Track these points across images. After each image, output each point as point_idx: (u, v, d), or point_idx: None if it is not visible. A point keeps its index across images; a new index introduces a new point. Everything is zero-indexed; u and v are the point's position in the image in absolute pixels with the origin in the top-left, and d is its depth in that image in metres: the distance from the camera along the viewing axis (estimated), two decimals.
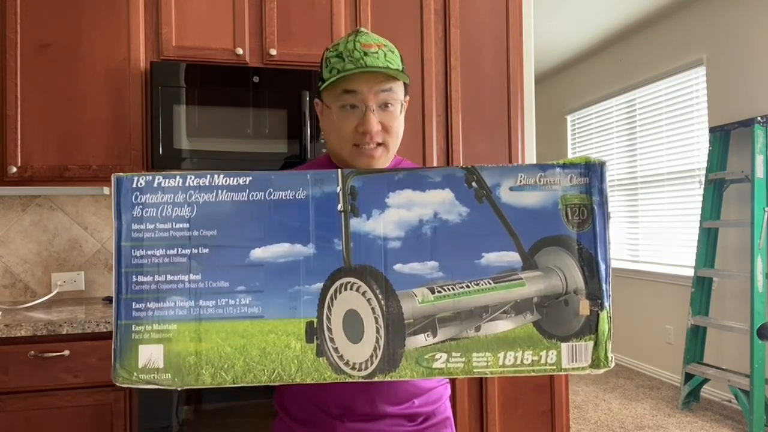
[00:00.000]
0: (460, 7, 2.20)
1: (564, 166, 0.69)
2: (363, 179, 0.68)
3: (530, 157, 2.56)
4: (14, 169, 1.80)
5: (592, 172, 0.69)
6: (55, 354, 1.57)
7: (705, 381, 3.24)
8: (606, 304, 0.67)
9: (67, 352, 1.58)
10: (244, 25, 1.99)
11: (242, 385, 0.66)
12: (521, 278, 0.68)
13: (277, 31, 2.01)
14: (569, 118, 5.11)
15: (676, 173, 3.82)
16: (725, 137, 3.31)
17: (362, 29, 0.97)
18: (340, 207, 0.67)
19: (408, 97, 1.03)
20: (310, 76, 1.97)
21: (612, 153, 4.51)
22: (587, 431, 2.97)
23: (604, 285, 0.68)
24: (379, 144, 0.94)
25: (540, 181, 0.68)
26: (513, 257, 0.68)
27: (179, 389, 0.67)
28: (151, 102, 1.88)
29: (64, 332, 1.58)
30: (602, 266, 0.68)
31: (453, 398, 1.74)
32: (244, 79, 1.93)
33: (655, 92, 4.01)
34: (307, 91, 1.96)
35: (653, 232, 4.05)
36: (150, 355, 0.65)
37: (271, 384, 0.67)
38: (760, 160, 2.98)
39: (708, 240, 3.34)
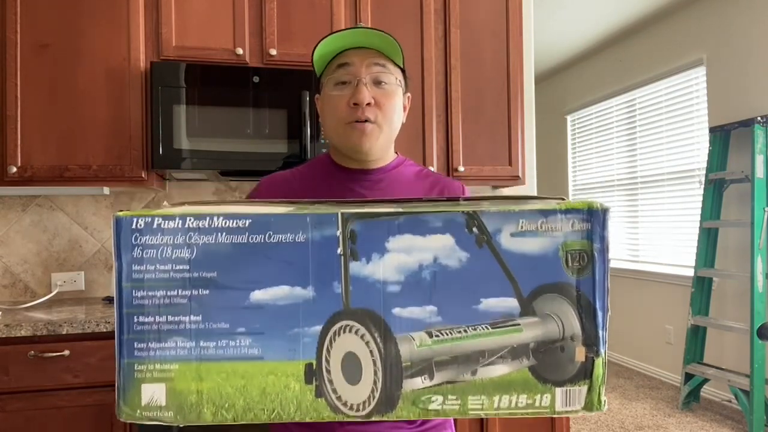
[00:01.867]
0: (460, 7, 2.20)
1: (566, 211, 0.69)
2: (363, 223, 0.68)
3: (530, 157, 2.56)
4: (14, 169, 1.80)
5: (594, 218, 0.68)
6: (55, 354, 1.57)
7: (705, 381, 3.25)
8: (602, 350, 0.68)
9: (67, 352, 1.58)
10: (244, 25, 1.99)
11: (243, 423, 0.67)
12: (519, 324, 0.68)
13: (277, 31, 2.01)
14: (569, 118, 5.11)
15: (676, 173, 3.82)
16: (725, 137, 3.31)
17: (361, 24, 0.98)
18: (339, 250, 0.68)
19: (409, 94, 1.02)
20: (310, 76, 1.96)
21: (612, 153, 4.51)
22: (587, 431, 2.97)
23: (600, 332, 0.68)
24: (371, 122, 0.92)
25: (541, 227, 0.69)
26: (511, 303, 0.68)
27: (181, 425, 0.68)
28: (151, 102, 1.88)
29: (64, 332, 1.58)
30: (599, 313, 0.68)
31: None
32: (244, 79, 1.93)
33: (655, 92, 4.01)
34: (307, 91, 1.96)
35: (653, 232, 4.05)
36: (152, 393, 0.67)
37: (271, 422, 0.68)
38: (760, 160, 2.98)
39: (708, 240, 3.34)
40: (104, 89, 1.88)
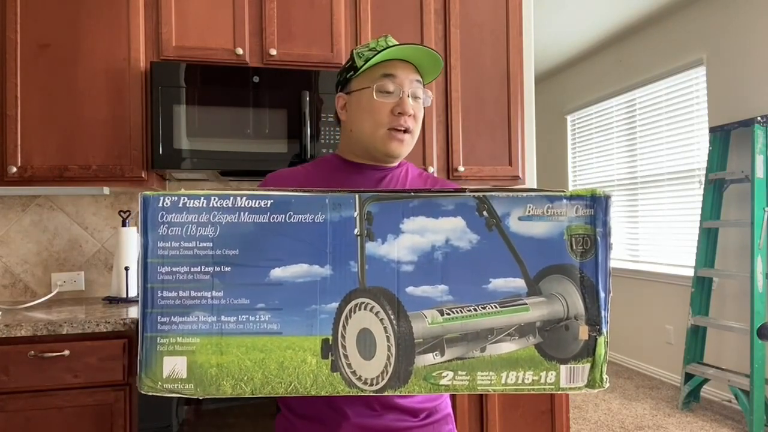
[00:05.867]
0: (460, 7, 2.20)
1: (571, 198, 0.73)
2: (379, 205, 0.72)
3: (530, 157, 2.56)
4: (14, 169, 1.80)
5: (597, 204, 0.72)
6: (55, 354, 1.57)
7: (705, 381, 3.25)
8: (604, 329, 0.71)
9: (67, 352, 1.58)
10: (244, 25, 1.99)
11: (260, 396, 0.69)
12: (526, 303, 0.72)
13: (277, 31, 2.01)
14: (569, 118, 5.11)
15: (676, 173, 3.82)
16: (725, 137, 3.31)
17: (389, 36, 1.04)
18: (356, 231, 0.71)
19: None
20: (310, 76, 1.97)
21: (612, 153, 4.51)
22: (587, 431, 2.97)
23: (603, 312, 0.71)
24: (409, 131, 1.00)
25: (547, 212, 0.72)
26: (519, 283, 0.72)
27: (201, 398, 0.70)
28: (151, 102, 1.88)
29: (64, 332, 1.58)
30: (602, 294, 0.71)
31: (453, 398, 1.74)
32: (244, 79, 1.93)
33: (655, 92, 4.02)
34: (307, 91, 1.96)
35: (653, 232, 4.05)
36: (174, 366, 0.69)
37: (288, 396, 0.70)
38: (760, 160, 2.98)
39: (708, 240, 3.34)
40: (104, 89, 1.88)
